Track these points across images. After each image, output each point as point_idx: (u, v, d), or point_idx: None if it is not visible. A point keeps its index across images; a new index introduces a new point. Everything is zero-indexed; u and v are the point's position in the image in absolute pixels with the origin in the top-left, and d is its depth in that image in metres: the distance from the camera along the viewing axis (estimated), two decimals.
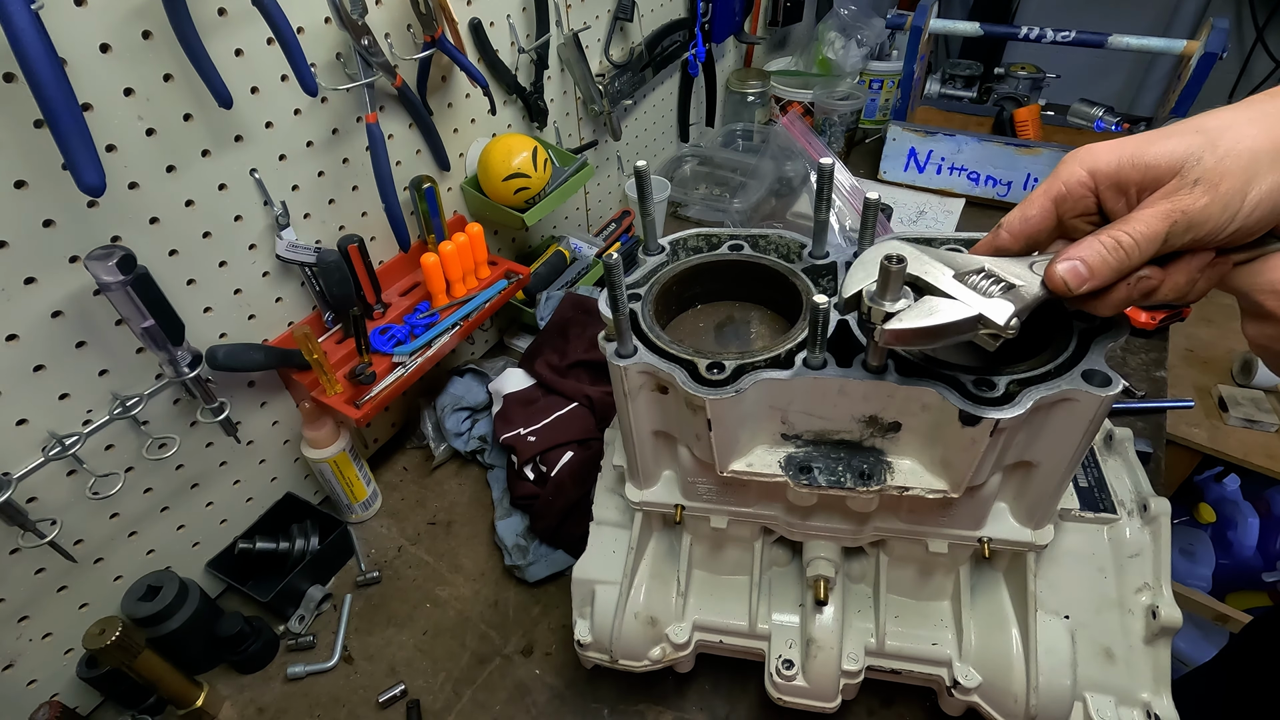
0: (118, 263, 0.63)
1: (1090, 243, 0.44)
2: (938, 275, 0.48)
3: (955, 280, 0.47)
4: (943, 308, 0.46)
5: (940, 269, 0.48)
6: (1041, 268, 0.47)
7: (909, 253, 0.49)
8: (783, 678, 0.68)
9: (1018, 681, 0.64)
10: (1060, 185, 0.47)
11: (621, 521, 0.77)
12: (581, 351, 1.05)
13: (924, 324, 0.46)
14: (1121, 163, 0.44)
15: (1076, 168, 0.47)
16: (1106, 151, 0.45)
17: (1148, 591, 0.66)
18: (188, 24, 0.64)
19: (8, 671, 0.73)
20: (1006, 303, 0.45)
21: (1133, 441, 0.77)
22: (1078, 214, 0.48)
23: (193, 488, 0.85)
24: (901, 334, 0.47)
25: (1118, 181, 0.45)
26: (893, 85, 1.82)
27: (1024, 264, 0.48)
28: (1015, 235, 0.50)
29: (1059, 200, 0.48)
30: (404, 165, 0.97)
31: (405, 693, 0.82)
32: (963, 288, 0.47)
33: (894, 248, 0.50)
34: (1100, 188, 0.46)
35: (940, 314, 0.46)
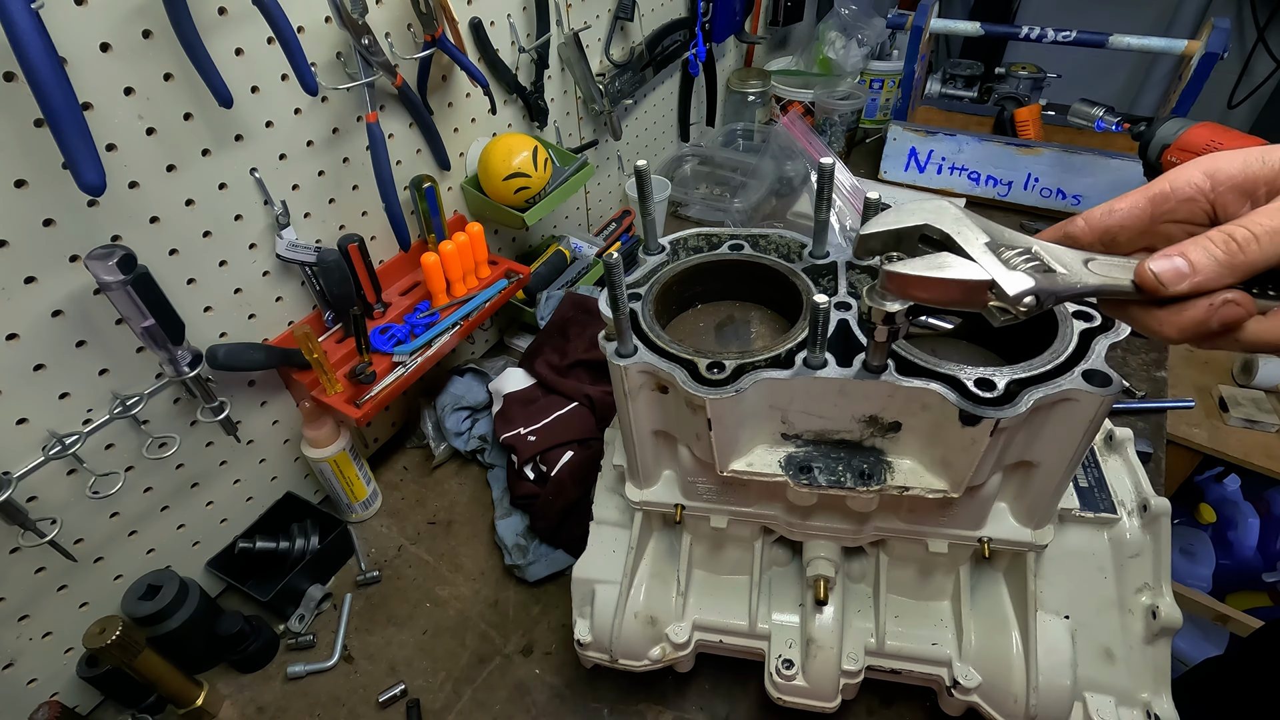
0: (118, 262, 0.63)
1: (1197, 240, 0.37)
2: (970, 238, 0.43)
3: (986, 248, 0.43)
4: (954, 265, 0.42)
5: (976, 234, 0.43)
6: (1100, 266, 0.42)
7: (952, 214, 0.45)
8: (782, 677, 0.68)
9: (1018, 681, 0.64)
10: (1165, 185, 0.42)
11: (621, 521, 0.77)
12: (582, 351, 1.05)
13: (928, 274, 0.42)
14: (1249, 161, 0.40)
15: (1193, 170, 0.42)
16: (1230, 154, 0.41)
17: (1148, 592, 0.66)
18: (188, 23, 0.64)
19: (8, 670, 0.73)
20: (1027, 277, 0.40)
21: (1133, 441, 0.77)
22: (1179, 219, 0.42)
23: (193, 487, 0.85)
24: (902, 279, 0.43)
25: (1244, 182, 0.40)
26: (893, 85, 1.81)
27: (1079, 257, 0.43)
28: (1093, 227, 0.44)
29: (1158, 200, 0.42)
30: (404, 164, 0.97)
31: (405, 692, 0.82)
32: (990, 255, 0.42)
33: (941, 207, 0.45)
34: (1220, 190, 0.41)
35: (949, 269, 0.42)
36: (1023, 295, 0.40)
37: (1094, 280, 0.41)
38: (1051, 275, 0.41)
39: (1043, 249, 0.43)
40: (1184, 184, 0.41)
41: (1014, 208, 1.50)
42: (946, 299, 0.43)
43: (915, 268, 0.42)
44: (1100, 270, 0.41)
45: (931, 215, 0.45)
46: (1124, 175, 1.35)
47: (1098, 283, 0.41)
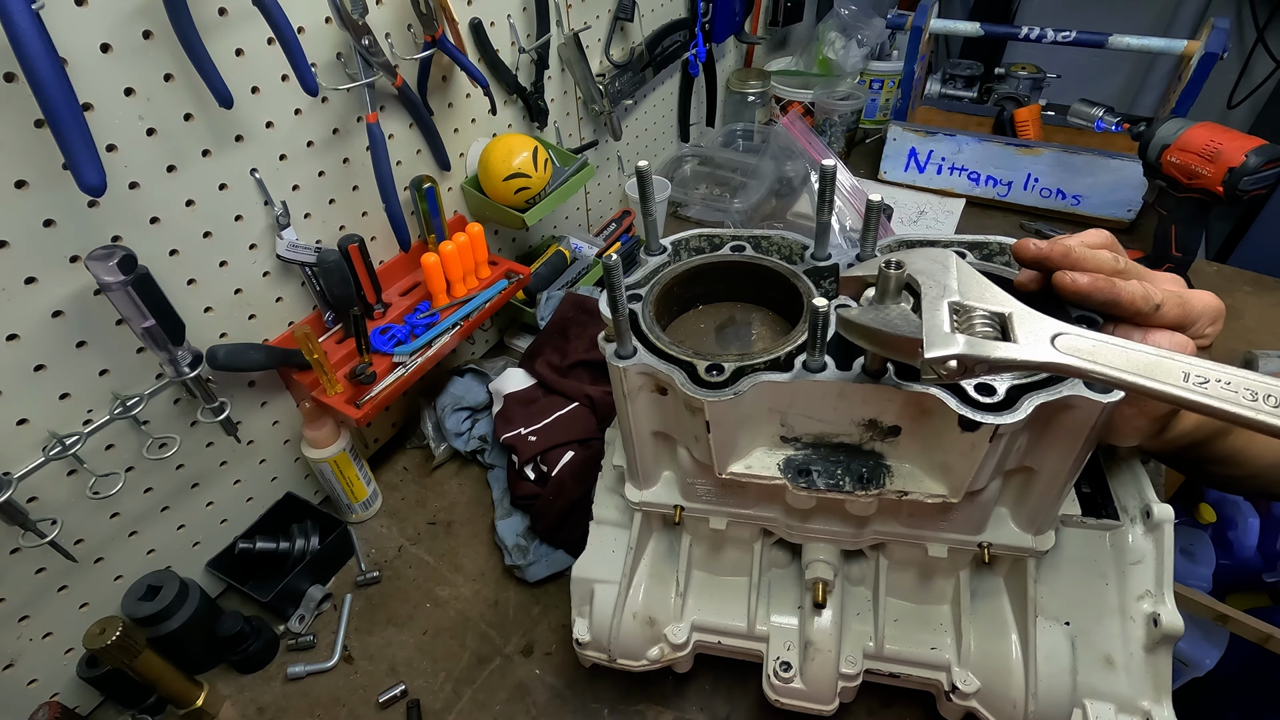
0: (118, 263, 0.63)
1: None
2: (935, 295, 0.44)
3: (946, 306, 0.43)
4: (894, 318, 0.44)
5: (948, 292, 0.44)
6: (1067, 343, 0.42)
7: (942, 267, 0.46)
8: (780, 680, 0.68)
9: (1016, 687, 0.64)
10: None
11: (621, 521, 0.77)
12: (582, 351, 1.05)
13: (864, 322, 0.44)
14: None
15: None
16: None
17: (1149, 599, 0.65)
18: (188, 24, 0.64)
19: (8, 671, 0.73)
20: (959, 341, 0.41)
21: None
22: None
23: (193, 487, 0.85)
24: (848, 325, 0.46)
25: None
26: (893, 85, 1.81)
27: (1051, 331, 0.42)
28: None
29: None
30: (404, 165, 0.97)
31: (405, 693, 0.82)
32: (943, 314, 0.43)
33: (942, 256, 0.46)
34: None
35: (883, 322, 0.44)
36: (944, 359, 0.40)
37: (1051, 357, 0.41)
38: (993, 344, 0.41)
39: (1018, 316, 0.43)
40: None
41: (1014, 208, 1.50)
42: (883, 348, 0.45)
43: (858, 315, 0.45)
44: (1066, 348, 0.41)
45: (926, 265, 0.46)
46: (1124, 175, 1.35)
47: (1056, 360, 0.41)
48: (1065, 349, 0.41)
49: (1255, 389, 0.36)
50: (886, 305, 0.45)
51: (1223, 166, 1.03)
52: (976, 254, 0.61)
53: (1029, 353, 0.41)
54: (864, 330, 0.45)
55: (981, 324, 0.43)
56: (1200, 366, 0.38)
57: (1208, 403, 0.37)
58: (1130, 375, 0.39)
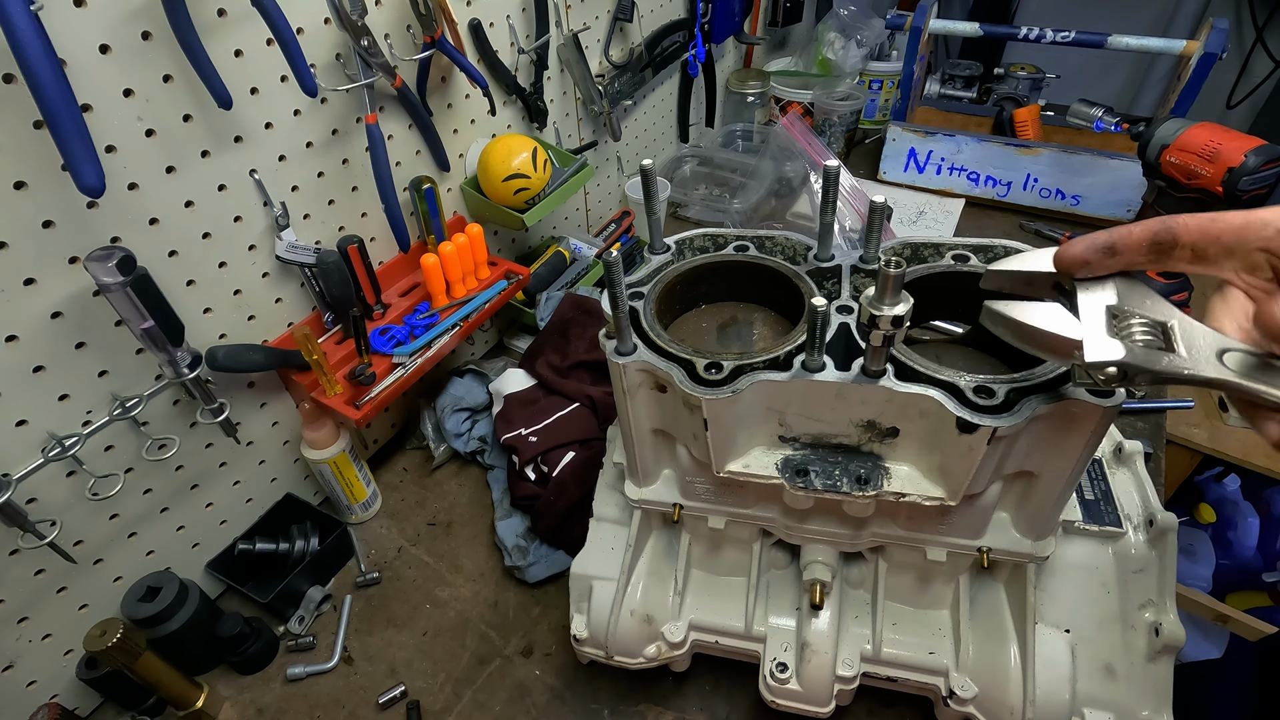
0: (117, 264, 0.63)
1: None
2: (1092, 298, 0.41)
3: (1106, 309, 0.41)
4: (1049, 316, 0.42)
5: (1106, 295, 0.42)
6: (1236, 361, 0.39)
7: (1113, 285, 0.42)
8: (777, 681, 0.68)
9: (1015, 694, 0.63)
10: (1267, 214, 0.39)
11: (621, 518, 0.77)
12: (582, 352, 1.05)
13: (1014, 316, 0.42)
14: None
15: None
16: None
17: (1151, 608, 0.65)
18: (187, 25, 0.64)
19: (7, 673, 0.73)
20: (1117, 348, 0.39)
21: (1143, 455, 0.76)
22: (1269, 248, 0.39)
23: (192, 488, 0.85)
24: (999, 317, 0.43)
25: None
26: (892, 86, 1.81)
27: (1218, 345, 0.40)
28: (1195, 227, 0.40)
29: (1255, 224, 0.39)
30: (404, 166, 0.97)
31: (405, 693, 0.82)
32: (1101, 317, 0.40)
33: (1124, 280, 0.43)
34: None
35: (1038, 319, 0.42)
36: (1104, 364, 0.38)
37: (1219, 374, 0.38)
38: (1158, 354, 0.39)
39: (1181, 327, 0.40)
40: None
41: (1013, 208, 1.50)
42: (1035, 346, 0.42)
43: (1013, 310, 0.43)
44: (1235, 366, 0.39)
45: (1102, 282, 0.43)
46: (1123, 175, 1.35)
47: (1224, 377, 0.38)
48: (1234, 365, 0.39)
49: None
50: (1039, 302, 0.43)
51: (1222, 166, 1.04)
52: (981, 257, 0.61)
53: (1196, 366, 0.39)
54: (1016, 326, 0.42)
55: (1141, 331, 0.40)
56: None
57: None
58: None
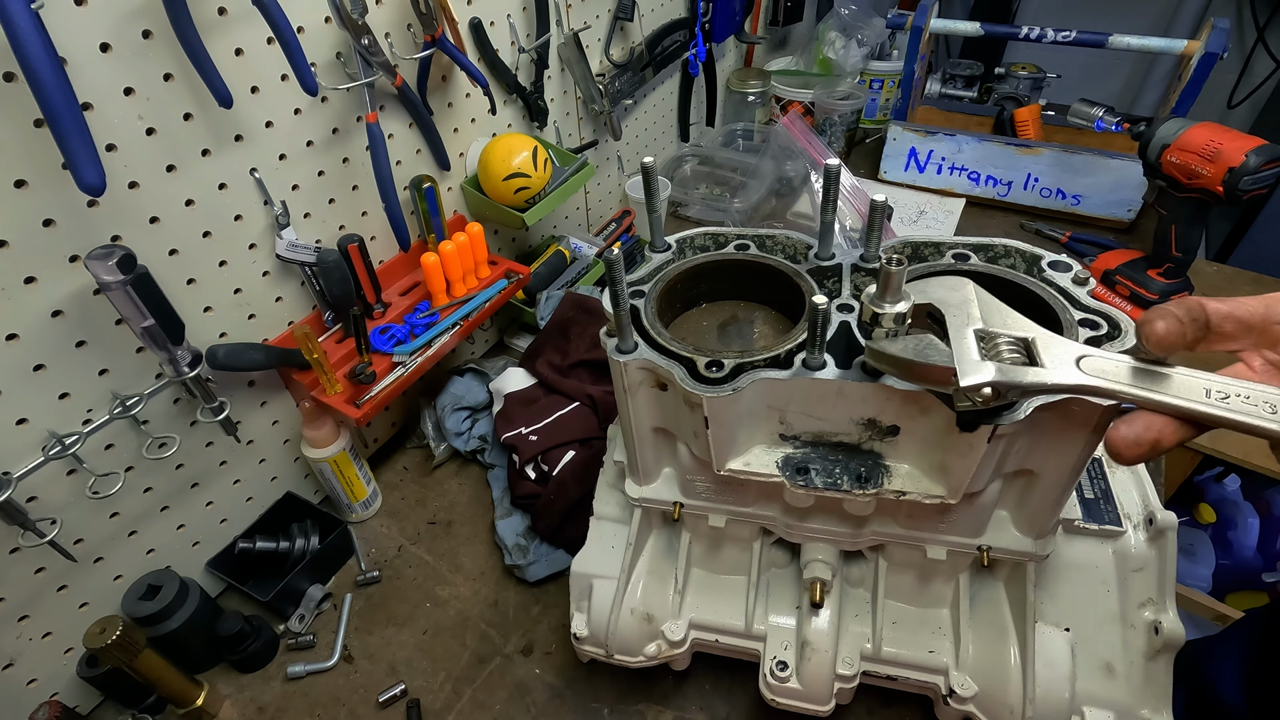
0: (118, 262, 0.63)
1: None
2: (960, 323, 0.45)
3: (974, 334, 0.44)
4: (928, 350, 0.45)
5: (972, 320, 0.45)
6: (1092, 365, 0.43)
7: (961, 296, 0.47)
8: (777, 679, 0.68)
9: (1014, 693, 0.63)
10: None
11: (621, 517, 0.77)
12: (583, 351, 1.05)
13: (904, 356, 0.45)
14: None
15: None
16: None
17: (1151, 607, 0.65)
18: (188, 23, 0.64)
19: (8, 671, 0.73)
20: (990, 369, 0.42)
21: None
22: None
23: (193, 487, 0.85)
24: (879, 355, 0.47)
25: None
26: (893, 85, 1.81)
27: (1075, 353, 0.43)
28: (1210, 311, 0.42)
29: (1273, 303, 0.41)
30: (404, 165, 0.97)
31: (405, 692, 0.82)
32: (970, 342, 0.44)
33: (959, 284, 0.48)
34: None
35: (924, 355, 0.45)
36: (979, 386, 0.41)
37: (1078, 380, 0.42)
38: (1023, 369, 0.42)
39: (1041, 341, 0.44)
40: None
41: (1014, 208, 1.50)
42: (918, 379, 0.46)
43: (891, 346, 0.46)
44: (1091, 370, 0.43)
45: (945, 294, 0.48)
46: (1124, 175, 1.35)
47: (1082, 382, 0.42)
48: (1090, 371, 0.42)
49: (1275, 402, 0.38)
50: (914, 335, 0.46)
51: (1223, 166, 1.03)
52: (982, 256, 0.61)
53: (1057, 376, 0.42)
54: (894, 360, 0.46)
55: (1008, 350, 0.44)
56: (1220, 383, 0.40)
57: (1230, 417, 0.38)
58: (1154, 394, 0.41)
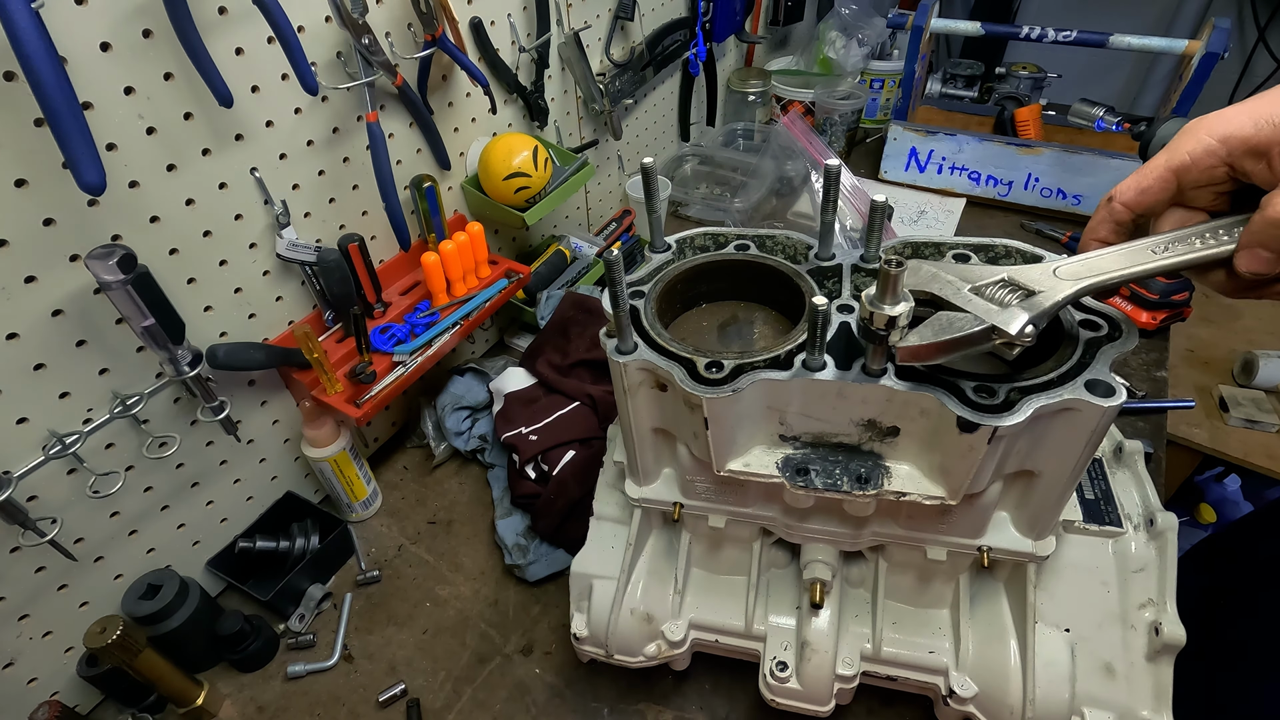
0: (118, 262, 0.63)
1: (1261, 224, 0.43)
2: (953, 290, 0.48)
3: (971, 293, 0.48)
4: (957, 322, 0.47)
5: (957, 283, 0.49)
6: (1068, 270, 0.47)
7: (927, 270, 0.50)
8: (777, 680, 0.68)
9: (1014, 693, 0.63)
10: (1184, 156, 0.47)
11: (621, 517, 0.77)
12: (583, 350, 1.05)
13: (939, 339, 0.47)
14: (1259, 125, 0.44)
15: (1204, 136, 0.46)
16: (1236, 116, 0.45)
17: (1151, 607, 0.65)
18: (188, 23, 0.64)
19: (8, 670, 0.73)
20: (1021, 311, 0.45)
21: (1143, 455, 0.76)
22: (1201, 184, 0.47)
23: (193, 486, 0.85)
24: (918, 350, 0.48)
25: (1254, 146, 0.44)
26: (894, 85, 1.81)
27: (1047, 269, 0.48)
28: (1132, 208, 0.49)
29: (1181, 171, 0.47)
30: (404, 164, 0.97)
31: (405, 692, 0.82)
32: (978, 300, 0.47)
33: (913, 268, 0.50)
34: (1234, 154, 0.45)
35: (954, 328, 0.46)
36: (1024, 329, 0.45)
37: (1070, 287, 0.47)
38: (1035, 299, 0.46)
39: (1015, 274, 0.49)
40: (1201, 153, 0.46)
41: (1014, 207, 1.50)
42: (960, 351, 0.47)
43: (924, 336, 0.47)
44: (1070, 274, 0.47)
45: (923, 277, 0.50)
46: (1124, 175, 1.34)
47: (1074, 288, 0.47)
48: (1068, 276, 0.47)
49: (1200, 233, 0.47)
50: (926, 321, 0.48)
51: None
52: (982, 256, 0.61)
53: (1059, 290, 0.46)
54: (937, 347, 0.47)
55: (1006, 293, 0.47)
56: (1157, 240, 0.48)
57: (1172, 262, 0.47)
58: (1125, 270, 0.47)
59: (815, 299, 0.49)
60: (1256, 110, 0.44)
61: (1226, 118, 0.46)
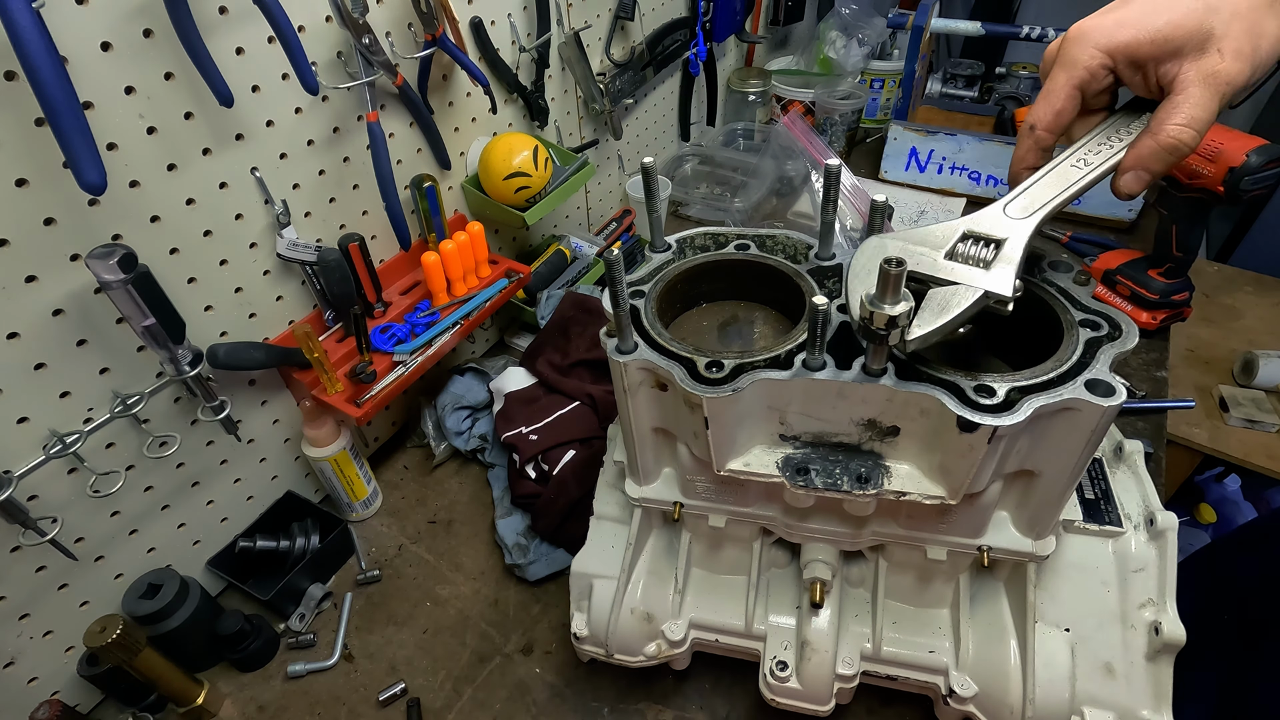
0: (119, 261, 0.63)
1: (1149, 145, 0.46)
2: (930, 262, 0.50)
3: (948, 261, 0.50)
4: (952, 299, 0.48)
5: (930, 254, 0.50)
6: (1016, 209, 0.51)
7: (894, 247, 0.51)
8: (777, 679, 0.68)
9: (1014, 693, 0.63)
10: (1083, 72, 0.50)
11: (621, 517, 0.77)
12: (583, 350, 1.05)
13: (942, 321, 0.48)
14: (1139, 38, 0.47)
15: (1091, 49, 0.49)
16: (1115, 28, 0.48)
17: (1151, 607, 0.65)
18: (189, 22, 0.64)
19: (8, 669, 0.73)
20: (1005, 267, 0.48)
21: (1143, 454, 0.76)
22: (1096, 93, 0.51)
23: (193, 486, 0.85)
24: (928, 338, 0.48)
25: (1135, 58, 0.47)
26: (894, 85, 1.81)
27: (998, 208, 0.52)
28: (1051, 130, 0.53)
29: (1084, 85, 0.50)
30: (405, 164, 0.97)
31: (405, 691, 0.82)
32: (958, 267, 0.49)
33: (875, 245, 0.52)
34: (1119, 65, 0.48)
35: (953, 306, 0.48)
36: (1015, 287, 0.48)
37: (1027, 221, 0.50)
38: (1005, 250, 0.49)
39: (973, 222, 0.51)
40: (1096, 66, 0.50)
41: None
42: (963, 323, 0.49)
43: (928, 323, 0.48)
44: (1018, 209, 0.51)
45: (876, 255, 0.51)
46: None
47: (1030, 224, 0.50)
48: (1018, 213, 0.51)
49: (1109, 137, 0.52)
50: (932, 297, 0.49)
51: (1224, 166, 1.03)
52: None
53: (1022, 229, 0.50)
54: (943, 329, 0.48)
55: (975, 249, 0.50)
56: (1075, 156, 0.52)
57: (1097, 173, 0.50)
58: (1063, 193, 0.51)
59: (815, 299, 0.49)
60: (1128, 21, 0.47)
61: (1104, 29, 0.48)
